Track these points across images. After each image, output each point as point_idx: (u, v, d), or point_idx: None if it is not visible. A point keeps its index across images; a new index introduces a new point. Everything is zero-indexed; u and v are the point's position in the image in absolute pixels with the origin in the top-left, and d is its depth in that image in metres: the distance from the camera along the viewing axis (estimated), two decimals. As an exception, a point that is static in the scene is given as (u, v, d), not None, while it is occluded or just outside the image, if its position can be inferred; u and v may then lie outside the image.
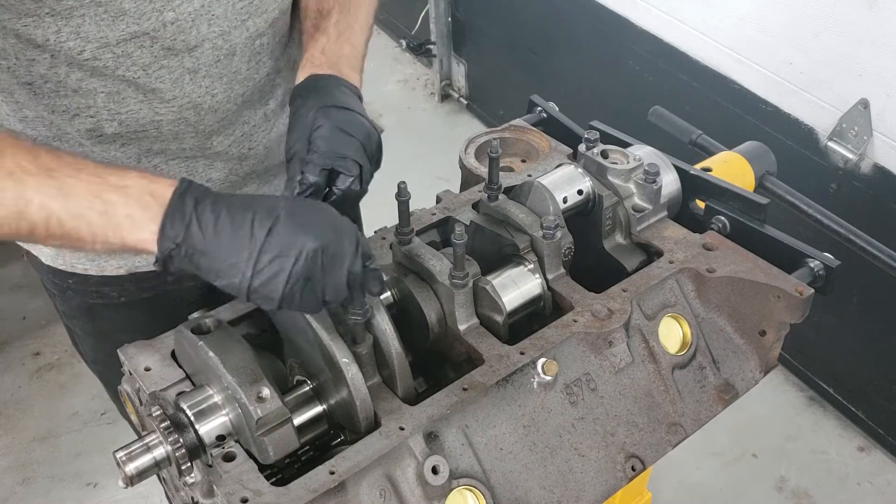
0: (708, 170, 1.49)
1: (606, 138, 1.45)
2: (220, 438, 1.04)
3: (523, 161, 1.56)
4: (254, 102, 1.41)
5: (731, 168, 1.61)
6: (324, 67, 1.27)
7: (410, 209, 1.24)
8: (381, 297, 1.21)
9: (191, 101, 1.30)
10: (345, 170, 1.13)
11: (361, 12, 1.41)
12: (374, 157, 1.19)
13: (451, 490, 1.04)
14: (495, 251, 1.27)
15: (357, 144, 1.15)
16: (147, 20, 1.18)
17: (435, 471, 1.01)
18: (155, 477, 1.10)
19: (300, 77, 1.27)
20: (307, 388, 1.14)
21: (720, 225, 1.36)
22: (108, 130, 1.27)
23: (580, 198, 1.31)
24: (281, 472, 1.11)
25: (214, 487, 1.00)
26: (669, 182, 1.39)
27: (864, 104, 2.40)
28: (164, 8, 1.19)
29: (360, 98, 1.27)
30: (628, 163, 1.33)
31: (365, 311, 1.07)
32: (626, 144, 1.42)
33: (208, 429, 1.03)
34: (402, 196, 1.20)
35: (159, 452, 1.02)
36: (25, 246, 1.49)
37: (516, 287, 1.21)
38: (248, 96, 1.38)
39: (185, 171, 1.38)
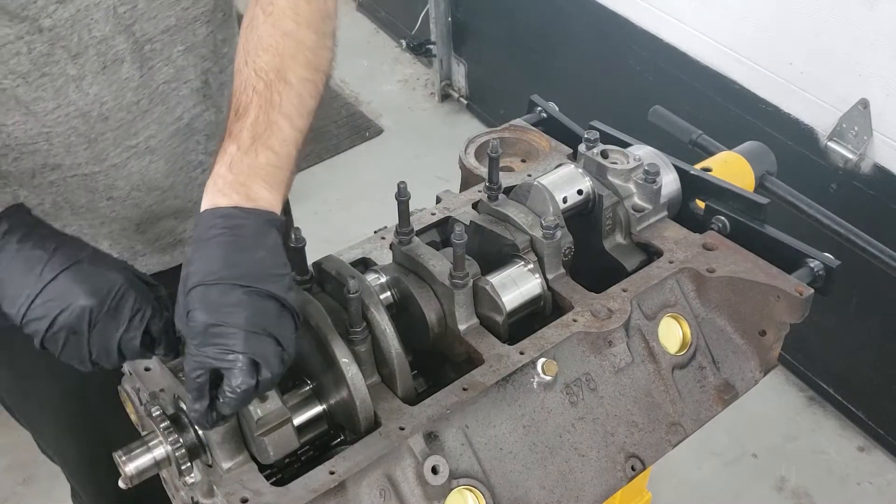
0: (708, 170, 1.49)
1: (606, 138, 1.45)
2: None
3: (523, 161, 1.56)
4: (153, 112, 1.33)
5: (731, 168, 1.61)
6: (227, 191, 1.00)
7: (410, 209, 1.24)
8: (382, 296, 1.21)
9: (77, 110, 1.24)
10: (226, 367, 0.91)
11: (290, 96, 1.12)
12: (279, 331, 0.94)
13: (451, 490, 1.04)
14: (495, 251, 1.27)
15: (239, 334, 0.91)
16: (21, 23, 1.13)
17: (435, 471, 1.01)
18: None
19: (203, 204, 1.02)
20: (307, 388, 1.14)
21: (720, 225, 1.36)
22: None
23: (580, 198, 1.31)
24: (281, 472, 1.11)
25: (214, 487, 1.01)
26: (669, 182, 1.39)
27: (864, 104, 2.40)
28: (39, 15, 1.13)
29: (279, 226, 1.01)
30: (628, 163, 1.33)
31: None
32: (626, 144, 1.42)
33: (208, 429, 1.03)
34: (402, 196, 1.20)
35: (159, 452, 1.02)
36: None
37: (516, 287, 1.21)
38: (144, 105, 1.31)
39: (83, 188, 1.32)
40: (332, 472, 0.99)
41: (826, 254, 1.28)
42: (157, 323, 1.03)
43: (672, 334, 1.25)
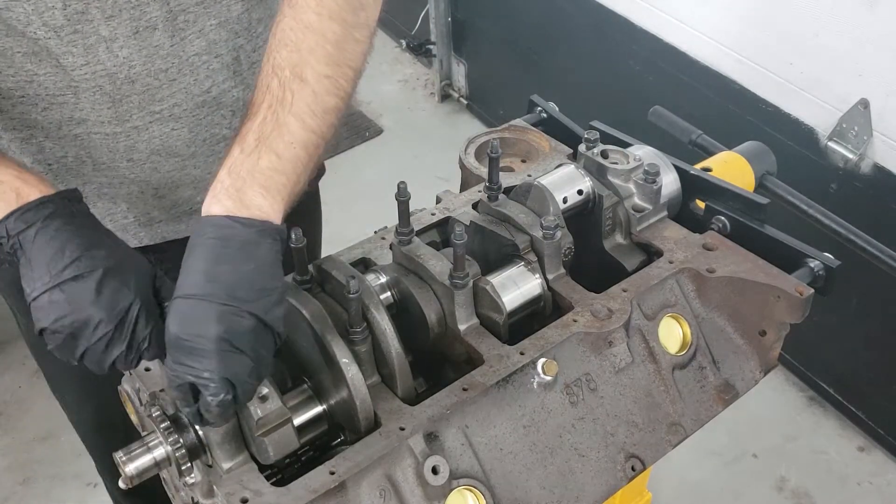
0: (708, 170, 1.49)
1: (606, 138, 1.45)
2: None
3: (523, 161, 1.56)
4: (181, 82, 1.34)
5: (731, 168, 1.61)
6: (222, 198, 0.98)
7: (410, 209, 1.24)
8: (382, 296, 1.21)
9: (105, 70, 1.26)
10: (200, 384, 0.92)
11: (303, 95, 1.07)
12: (252, 346, 0.93)
13: (451, 490, 1.04)
14: (495, 251, 1.27)
15: (210, 352, 0.91)
16: None
17: (435, 471, 1.01)
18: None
19: (203, 209, 1.00)
20: (307, 387, 1.14)
21: (720, 225, 1.36)
22: (29, 91, 1.27)
23: (580, 198, 1.31)
24: (281, 472, 1.11)
25: (214, 488, 1.01)
26: (669, 182, 1.39)
27: (864, 104, 2.40)
28: None
29: (275, 236, 0.98)
30: (628, 163, 1.33)
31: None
32: (626, 144, 1.42)
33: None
34: (402, 196, 1.20)
35: (159, 453, 1.02)
36: None
37: (516, 287, 1.21)
38: (172, 74, 1.32)
39: (105, 146, 1.35)
40: (332, 472, 0.99)
41: (826, 254, 1.28)
42: (153, 351, 1.01)
43: (672, 334, 1.25)
